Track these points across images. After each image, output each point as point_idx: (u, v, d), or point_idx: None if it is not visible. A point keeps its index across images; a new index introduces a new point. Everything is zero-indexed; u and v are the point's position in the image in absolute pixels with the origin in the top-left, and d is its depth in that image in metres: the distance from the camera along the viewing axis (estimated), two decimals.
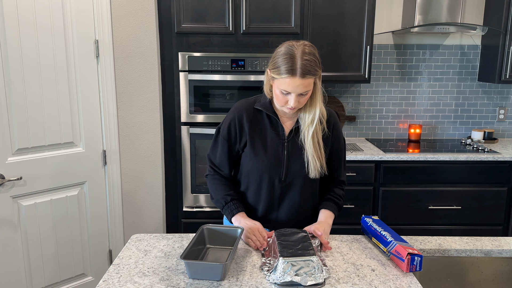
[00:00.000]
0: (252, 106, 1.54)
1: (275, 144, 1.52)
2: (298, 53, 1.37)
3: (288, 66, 1.36)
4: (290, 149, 1.52)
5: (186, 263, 1.25)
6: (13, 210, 2.18)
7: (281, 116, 1.53)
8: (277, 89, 1.41)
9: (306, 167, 1.50)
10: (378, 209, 2.87)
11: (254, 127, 1.52)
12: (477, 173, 2.82)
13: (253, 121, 1.52)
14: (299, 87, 1.37)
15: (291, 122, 1.53)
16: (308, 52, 1.38)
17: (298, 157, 1.51)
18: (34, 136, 2.21)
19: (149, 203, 2.79)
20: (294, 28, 2.67)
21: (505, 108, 3.36)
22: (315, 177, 1.51)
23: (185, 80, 2.68)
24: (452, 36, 3.26)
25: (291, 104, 1.40)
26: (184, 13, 2.63)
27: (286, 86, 1.38)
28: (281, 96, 1.41)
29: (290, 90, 1.38)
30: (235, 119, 1.53)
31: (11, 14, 2.05)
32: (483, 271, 1.50)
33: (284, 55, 1.38)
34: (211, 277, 1.25)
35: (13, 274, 2.21)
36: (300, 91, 1.38)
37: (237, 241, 1.36)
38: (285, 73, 1.36)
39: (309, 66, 1.36)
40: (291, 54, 1.37)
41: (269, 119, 1.53)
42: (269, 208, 1.58)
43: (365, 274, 1.30)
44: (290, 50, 1.38)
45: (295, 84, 1.36)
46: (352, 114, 3.36)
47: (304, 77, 1.36)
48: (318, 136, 1.49)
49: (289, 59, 1.36)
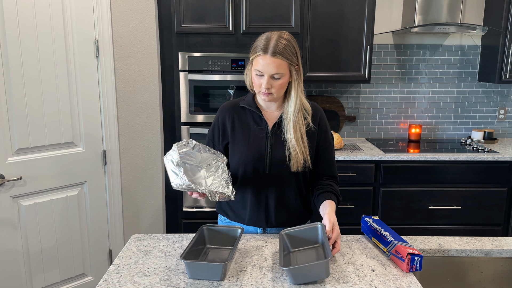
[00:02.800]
0: (236, 105, 1.60)
1: (258, 138, 1.55)
2: (275, 36, 1.44)
3: (263, 45, 1.42)
4: (273, 143, 1.54)
5: (186, 263, 1.25)
6: (13, 210, 2.18)
7: (264, 110, 1.57)
8: (253, 72, 1.46)
9: (288, 160, 1.51)
10: (378, 209, 2.87)
11: (237, 124, 1.57)
12: (477, 173, 2.82)
13: (236, 119, 1.57)
14: (270, 66, 1.40)
15: (274, 116, 1.57)
16: (285, 38, 1.45)
17: (280, 150, 1.53)
18: (34, 136, 2.21)
19: (149, 203, 2.79)
20: (294, 28, 2.67)
21: (505, 108, 3.36)
22: (297, 170, 1.51)
23: (185, 80, 2.68)
24: (452, 36, 3.26)
25: (263, 85, 1.43)
26: (184, 13, 2.63)
27: (258, 65, 1.42)
28: (256, 79, 1.46)
29: (261, 69, 1.42)
30: (218, 121, 1.60)
31: (11, 14, 2.05)
32: (483, 271, 1.50)
33: (262, 37, 1.46)
34: (211, 277, 1.25)
35: (13, 274, 2.21)
36: (271, 71, 1.41)
37: (237, 241, 1.37)
38: (258, 51, 1.42)
39: (282, 47, 1.41)
40: (268, 37, 1.44)
41: (252, 115, 1.57)
42: (257, 200, 1.58)
43: (365, 274, 1.30)
44: (269, 34, 1.46)
45: (266, 62, 1.40)
46: (352, 114, 3.36)
47: (275, 55, 1.40)
48: (301, 129, 1.51)
49: (265, 40, 1.43)
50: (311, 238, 1.42)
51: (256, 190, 1.57)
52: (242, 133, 1.56)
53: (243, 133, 1.56)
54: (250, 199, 1.58)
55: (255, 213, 1.59)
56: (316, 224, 1.42)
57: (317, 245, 1.42)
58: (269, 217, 1.59)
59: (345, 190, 2.82)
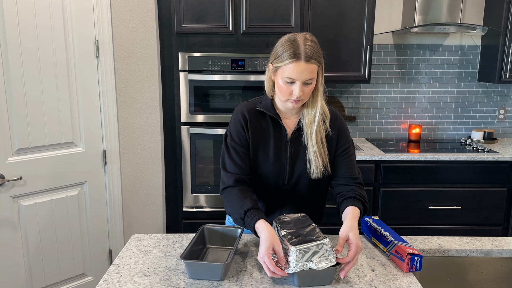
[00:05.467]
0: (253, 107, 1.49)
1: (278, 148, 1.48)
2: (301, 40, 1.35)
3: (292, 51, 1.33)
4: (293, 151, 1.48)
5: (186, 263, 1.25)
6: (13, 210, 2.18)
7: (283, 117, 1.50)
8: (281, 80, 1.37)
9: (308, 168, 1.46)
10: (378, 209, 2.87)
11: (256, 130, 1.48)
12: (477, 173, 2.82)
13: (255, 124, 1.48)
14: (304, 72, 1.33)
15: (293, 123, 1.50)
16: (310, 39, 1.37)
17: (300, 158, 1.48)
18: (34, 136, 2.21)
19: (149, 203, 2.79)
20: (294, 28, 2.67)
21: (505, 108, 3.36)
22: (317, 177, 1.46)
23: (185, 80, 2.68)
24: (452, 36, 3.26)
25: (296, 93, 1.35)
26: (184, 13, 2.63)
27: (290, 72, 1.33)
28: (285, 87, 1.37)
29: (295, 77, 1.34)
30: (240, 121, 1.48)
31: (11, 14, 2.05)
32: (483, 271, 1.50)
33: (287, 42, 1.36)
34: (211, 277, 1.25)
35: (13, 274, 2.21)
36: (305, 78, 1.34)
37: (237, 241, 1.37)
38: (288, 58, 1.33)
39: (313, 51, 1.34)
40: (293, 41, 1.35)
41: (271, 120, 1.49)
42: (272, 208, 1.57)
43: (365, 274, 1.30)
44: (292, 37, 1.37)
45: (300, 69, 1.32)
46: (352, 114, 3.36)
47: (309, 61, 1.33)
48: (321, 133, 1.44)
49: (292, 45, 1.34)
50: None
51: (273, 199, 1.55)
52: (263, 141, 1.48)
53: (263, 143, 1.48)
54: (266, 207, 1.56)
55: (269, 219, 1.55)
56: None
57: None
58: None
59: None
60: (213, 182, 2.83)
